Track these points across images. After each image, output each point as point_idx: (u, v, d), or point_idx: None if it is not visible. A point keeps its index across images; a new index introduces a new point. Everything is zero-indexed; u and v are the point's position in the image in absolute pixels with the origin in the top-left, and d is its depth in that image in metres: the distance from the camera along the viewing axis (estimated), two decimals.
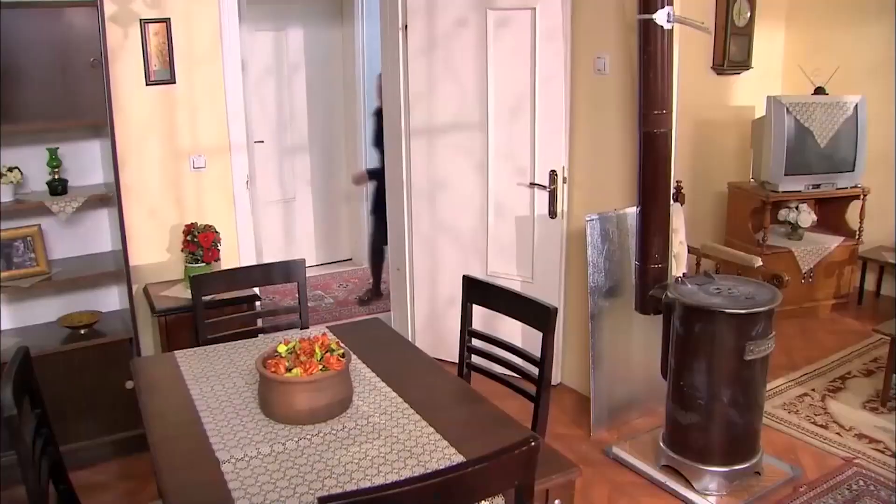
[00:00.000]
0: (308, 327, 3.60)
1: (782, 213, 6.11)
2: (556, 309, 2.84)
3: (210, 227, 4.37)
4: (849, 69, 6.43)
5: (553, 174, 4.59)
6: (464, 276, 3.29)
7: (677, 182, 5.25)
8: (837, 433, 4.41)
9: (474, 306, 3.28)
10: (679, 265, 4.64)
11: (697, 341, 3.61)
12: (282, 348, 2.65)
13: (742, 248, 5.55)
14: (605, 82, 4.38)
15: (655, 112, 3.81)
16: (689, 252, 5.11)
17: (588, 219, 4.09)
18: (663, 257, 3.95)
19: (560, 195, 4.61)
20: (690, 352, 3.65)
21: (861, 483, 3.91)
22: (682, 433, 3.80)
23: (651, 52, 3.79)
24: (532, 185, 4.69)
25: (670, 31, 3.81)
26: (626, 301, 4.25)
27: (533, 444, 1.88)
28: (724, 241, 6.25)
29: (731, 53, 6.29)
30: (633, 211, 4.10)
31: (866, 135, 6.11)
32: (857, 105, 6.07)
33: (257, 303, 4.46)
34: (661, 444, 3.94)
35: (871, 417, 4.59)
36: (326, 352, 2.62)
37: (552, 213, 4.62)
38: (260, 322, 3.80)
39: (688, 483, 3.80)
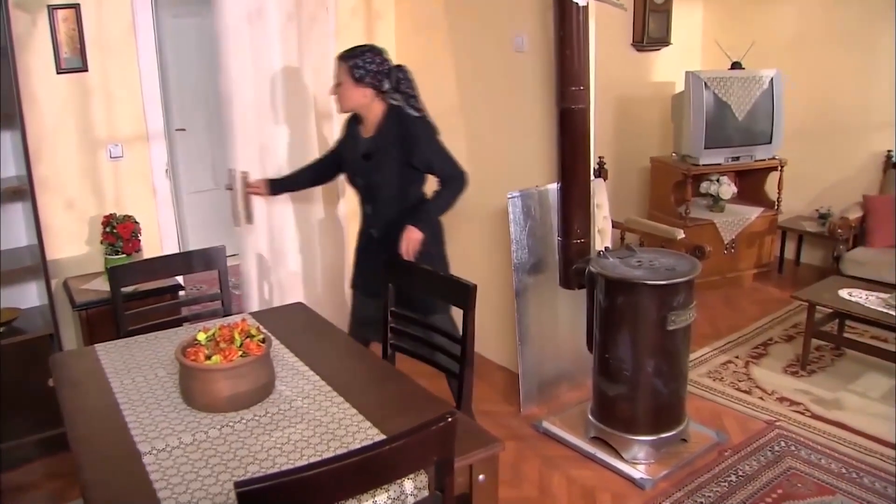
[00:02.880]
0: (231, 314, 3.57)
1: (704, 186, 6.23)
2: (475, 286, 2.86)
3: (129, 217, 4.28)
4: (765, 44, 6.59)
5: None
6: (385, 258, 3.29)
7: (600, 158, 5.33)
8: (760, 398, 4.53)
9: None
10: (604, 240, 4.71)
11: (620, 314, 3.67)
12: (201, 336, 2.61)
13: (666, 222, 5.65)
14: (524, 61, 4.39)
15: (572, 88, 3.84)
16: (613, 227, 5.19)
17: (510, 196, 4.11)
18: (585, 232, 4.00)
19: None
20: (614, 324, 3.71)
21: (783, 444, 4.02)
22: (609, 405, 3.87)
23: (567, 29, 3.82)
24: None
25: (586, 9, 3.84)
26: (551, 277, 4.29)
27: (450, 419, 1.90)
28: (648, 214, 6.35)
29: (651, 30, 6.39)
30: (554, 187, 4.13)
31: (782, 108, 6.25)
32: (772, 79, 6.21)
33: (182, 292, 4.39)
34: (590, 416, 4.01)
35: (791, 381, 4.73)
36: (246, 337, 2.60)
37: None
38: (185, 311, 3.75)
39: (617, 453, 3.87)
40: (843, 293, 4.84)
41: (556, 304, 4.42)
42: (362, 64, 3.47)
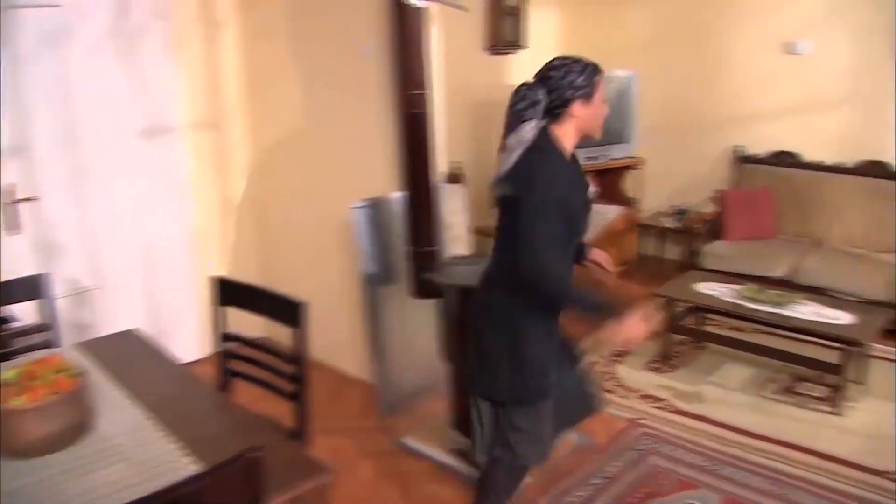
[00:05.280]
0: (60, 346, 3.30)
1: None
2: (305, 303, 2.70)
3: None
4: (621, 46, 6.68)
5: None
6: (214, 278, 3.09)
7: (456, 163, 5.25)
8: (624, 396, 4.52)
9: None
10: (461, 247, 4.61)
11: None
12: (10, 374, 2.37)
13: None
14: (369, 67, 4.26)
15: (412, 93, 3.72)
16: (474, 233, 5.11)
17: (354, 206, 3.97)
18: (434, 240, 3.88)
19: None
20: (463, 332, 3.59)
21: (647, 442, 4.00)
22: (467, 415, 3.75)
23: (405, 32, 3.70)
24: None
25: (424, 11, 3.74)
26: (404, 287, 4.16)
27: (252, 455, 1.73)
28: None
29: (503, 33, 6.35)
30: (401, 195, 4.01)
31: (637, 107, 6.32)
32: (628, 79, 6.26)
33: (16, 322, 4.06)
34: (450, 428, 3.89)
35: (654, 377, 4.73)
36: (58, 373, 2.38)
37: None
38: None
39: (478, 466, 3.75)
40: (700, 287, 4.89)
41: (414, 314, 4.28)
42: None
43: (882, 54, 5.74)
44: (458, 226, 4.98)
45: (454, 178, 5.27)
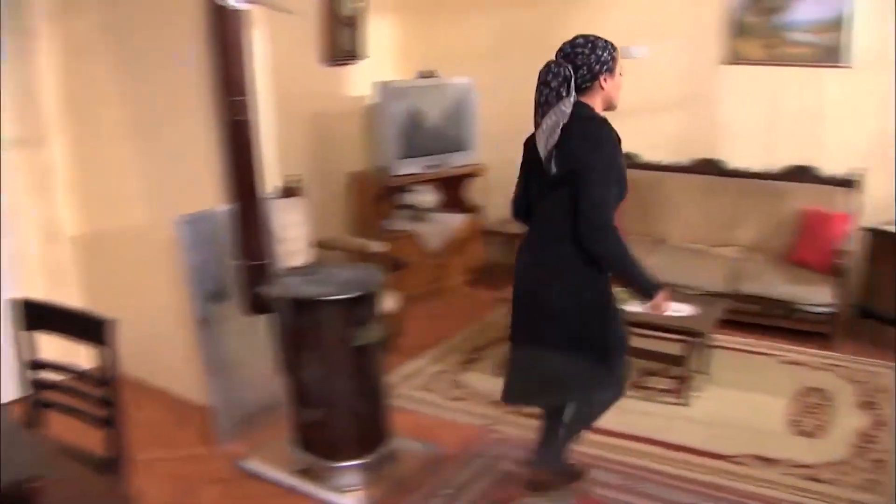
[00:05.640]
0: None
1: (405, 197, 6.16)
2: (111, 320, 2.50)
3: None
4: (463, 53, 6.67)
5: None
6: (17, 301, 2.84)
7: (293, 176, 5.11)
8: (473, 403, 4.44)
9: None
10: (301, 261, 4.48)
11: (305, 334, 3.42)
12: None
13: (369, 236, 5.49)
14: (190, 75, 4.06)
15: (233, 99, 3.55)
16: (314, 246, 4.98)
17: (179, 221, 3.76)
18: (265, 253, 3.71)
19: None
20: (300, 346, 3.46)
21: (498, 448, 3.93)
22: (308, 432, 3.60)
23: (223, 35, 3.53)
24: None
25: (244, 14, 3.58)
26: (237, 303, 3.98)
27: (30, 486, 1.55)
28: (353, 231, 6.18)
29: (341, 43, 6.23)
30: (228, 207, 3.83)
31: (476, 114, 6.32)
32: (465, 86, 6.26)
33: None
34: (292, 448, 3.73)
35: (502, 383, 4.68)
36: None
37: None
38: None
39: (324, 484, 3.61)
40: None
41: (251, 330, 4.10)
42: None
43: (711, 57, 5.97)
44: (297, 239, 4.86)
45: (291, 191, 5.11)
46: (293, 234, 4.92)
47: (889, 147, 5.31)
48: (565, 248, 3.00)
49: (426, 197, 6.12)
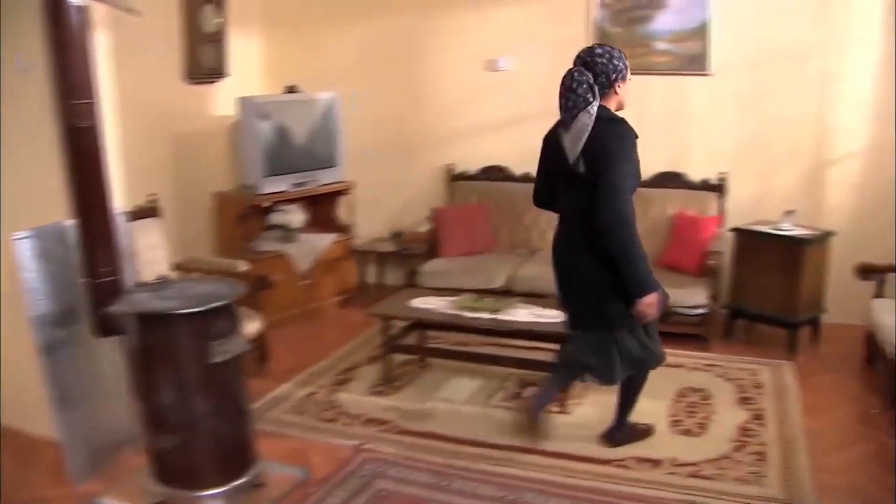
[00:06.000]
0: None
1: (272, 217, 5.92)
2: None
3: None
4: (329, 70, 6.55)
5: None
6: None
7: (151, 195, 4.86)
8: (347, 423, 4.24)
9: None
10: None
11: (157, 352, 3.14)
12: None
13: (235, 257, 5.22)
14: (31, 82, 3.75)
15: (76, 102, 3.25)
16: (176, 269, 4.72)
17: (15, 238, 3.43)
18: (114, 270, 3.41)
19: None
20: (153, 366, 3.17)
21: (371, 467, 3.74)
22: (165, 461, 3.31)
23: (63, 33, 3.24)
24: None
25: (85, 10, 3.31)
26: (87, 326, 3.66)
27: None
28: (220, 252, 5.90)
29: (203, 60, 5.98)
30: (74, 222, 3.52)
31: (343, 130, 6.17)
32: (330, 102, 6.09)
33: None
34: (148, 480, 3.41)
35: (378, 401, 4.51)
36: None
37: None
38: None
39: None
40: (415, 302, 4.74)
41: (104, 355, 3.77)
42: None
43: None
44: (157, 262, 4.59)
45: (149, 211, 4.85)
46: (152, 257, 4.65)
47: (749, 150, 5.43)
48: (591, 238, 3.45)
49: (294, 216, 5.90)
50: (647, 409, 4.25)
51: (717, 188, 5.63)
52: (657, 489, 3.52)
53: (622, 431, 3.94)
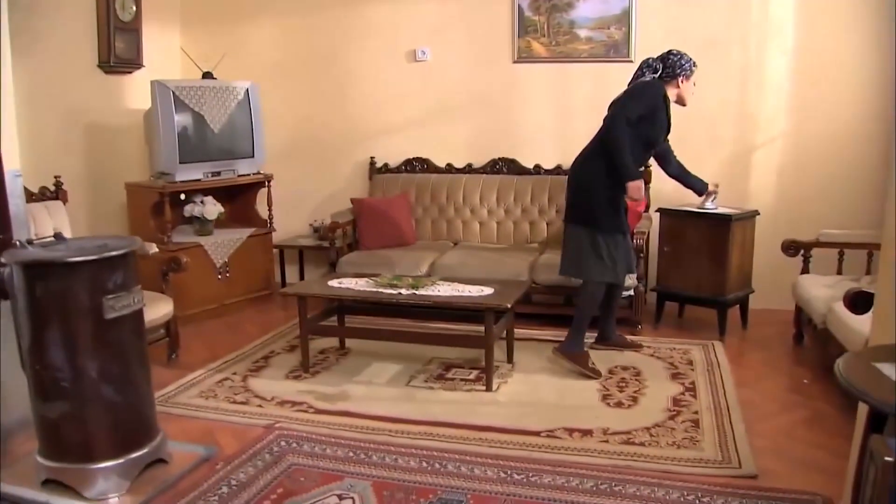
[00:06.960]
0: None
1: (188, 209, 5.66)
2: None
3: None
4: (249, 65, 6.39)
5: None
6: None
7: (56, 177, 4.68)
8: (259, 406, 4.01)
9: None
10: None
11: (44, 308, 2.86)
12: None
13: None
14: None
15: None
16: None
17: None
18: (4, 226, 3.15)
19: None
20: (39, 323, 2.89)
21: (283, 444, 3.52)
22: (54, 432, 3.02)
23: None
24: None
25: None
26: None
27: None
28: None
29: (118, 50, 5.75)
30: None
31: (261, 121, 5.96)
32: (248, 90, 5.88)
33: None
34: (38, 456, 3.11)
35: (294, 385, 4.31)
36: None
37: None
38: None
39: (78, 494, 3.03)
40: (333, 283, 4.54)
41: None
42: None
43: (504, 57, 5.97)
44: None
45: (54, 193, 4.64)
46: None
47: (672, 136, 5.42)
48: (600, 160, 4.26)
49: (210, 208, 5.64)
50: (577, 386, 4.11)
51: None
52: (589, 456, 3.37)
53: (576, 347, 4.35)
